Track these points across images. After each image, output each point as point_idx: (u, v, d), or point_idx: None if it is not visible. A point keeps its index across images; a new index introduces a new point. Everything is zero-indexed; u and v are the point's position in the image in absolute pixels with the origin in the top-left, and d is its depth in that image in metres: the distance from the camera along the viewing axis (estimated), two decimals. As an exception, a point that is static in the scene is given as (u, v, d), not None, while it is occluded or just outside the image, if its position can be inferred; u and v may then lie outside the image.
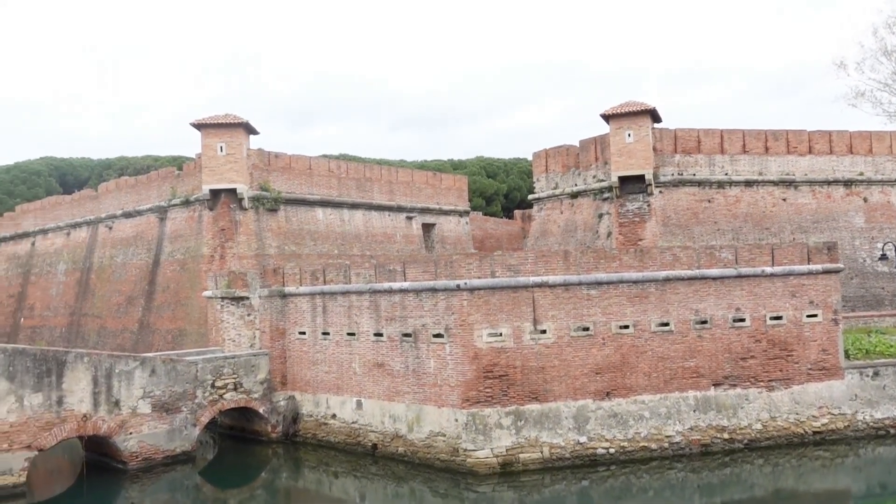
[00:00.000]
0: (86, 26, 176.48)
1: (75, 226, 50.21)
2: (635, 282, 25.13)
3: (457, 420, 24.03)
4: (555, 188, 42.68)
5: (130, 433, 25.65)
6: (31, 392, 23.56)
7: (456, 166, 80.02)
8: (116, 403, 25.42)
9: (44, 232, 53.91)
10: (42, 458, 24.65)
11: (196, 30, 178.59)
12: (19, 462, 23.19)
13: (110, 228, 46.22)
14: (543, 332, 24.35)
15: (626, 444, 24.11)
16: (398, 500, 22.75)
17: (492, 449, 23.45)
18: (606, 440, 24.07)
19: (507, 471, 23.22)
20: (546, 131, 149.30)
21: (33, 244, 55.17)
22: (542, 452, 23.59)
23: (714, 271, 25.79)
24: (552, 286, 24.55)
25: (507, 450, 23.48)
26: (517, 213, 66.89)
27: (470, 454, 23.46)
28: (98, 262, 46.67)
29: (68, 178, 78.97)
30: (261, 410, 29.44)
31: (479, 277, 24.19)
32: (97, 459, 26.54)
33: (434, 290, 24.91)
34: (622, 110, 36.77)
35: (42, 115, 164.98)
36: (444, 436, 24.40)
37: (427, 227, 47.63)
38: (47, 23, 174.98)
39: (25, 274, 54.76)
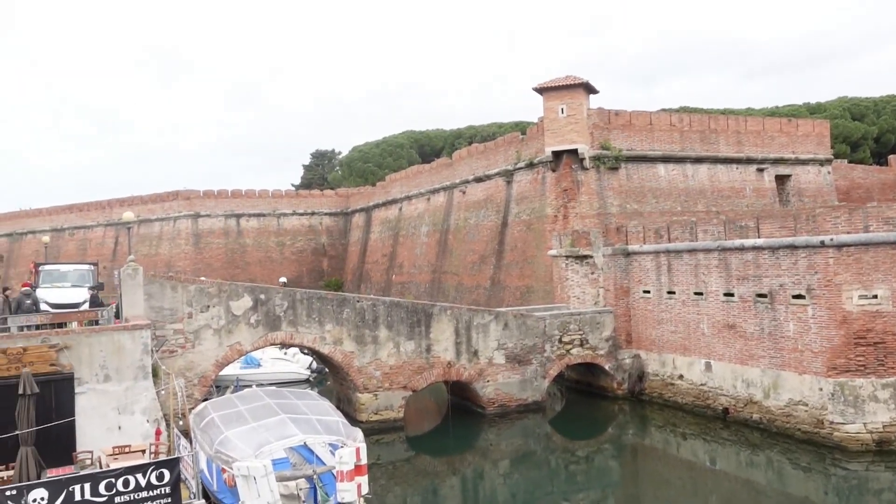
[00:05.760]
0: (444, 15, 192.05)
1: (434, 191, 55.31)
2: None
3: (821, 389, 21.91)
4: (944, 126, 36.19)
5: (487, 381, 27.80)
6: (405, 339, 26.73)
7: (813, 110, 71.96)
8: (475, 353, 27.69)
9: (408, 198, 60.28)
10: (414, 398, 27.84)
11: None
12: (398, 400, 26.57)
13: (464, 193, 50.07)
14: (932, 294, 20.97)
15: None
16: (753, 469, 21.51)
17: (865, 424, 21.00)
18: None
19: (884, 449, 20.66)
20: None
21: (400, 209, 62.03)
22: (930, 433, 20.51)
23: None
24: (944, 241, 20.96)
25: (884, 426, 20.86)
26: (892, 158, 58.16)
27: (837, 427, 21.29)
28: (454, 224, 50.95)
29: (425, 148, 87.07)
30: (606, 367, 29.86)
31: (848, 232, 21.56)
32: (459, 403, 29.27)
33: (793, 246, 22.81)
34: None
35: (405, 95, 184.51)
36: (806, 405, 22.44)
37: (781, 179, 43.61)
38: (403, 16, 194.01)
39: (395, 236, 61.89)
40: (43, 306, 24.71)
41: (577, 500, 20.29)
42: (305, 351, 34.91)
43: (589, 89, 37.60)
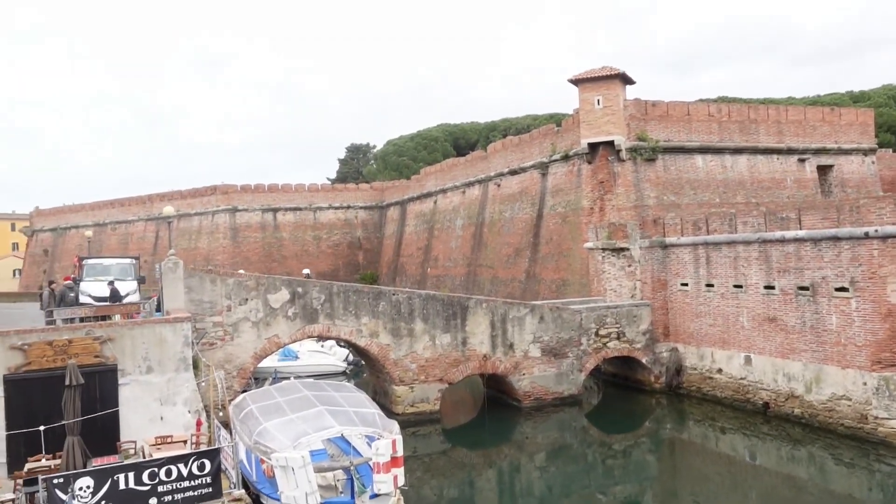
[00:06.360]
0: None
1: (469, 184, 55.26)
2: None
3: (865, 384, 21.47)
4: None
5: (523, 374, 27.75)
6: (441, 332, 26.79)
7: (856, 99, 70.33)
8: (511, 346, 27.65)
9: (443, 191, 60.31)
10: (450, 391, 27.89)
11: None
12: (434, 392, 26.65)
13: (499, 185, 49.94)
14: (982, 287, 20.40)
15: None
16: (794, 465, 21.17)
17: (911, 419, 20.54)
18: None
19: (932, 446, 20.18)
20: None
21: (435, 202, 62.10)
22: (979, 429, 19.98)
23: None
24: None
25: (931, 422, 20.36)
26: (939, 147, 56.63)
27: (882, 423, 20.85)
28: (489, 217, 50.86)
29: (460, 141, 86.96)
30: (643, 360, 29.61)
31: (893, 224, 21.06)
32: (495, 396, 29.27)
33: (836, 238, 22.36)
34: None
35: (439, 88, 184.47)
36: (849, 400, 22.02)
37: (823, 170, 42.70)
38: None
39: (430, 229, 61.99)
40: (86, 299, 25.28)
41: (613, 494, 20.16)
42: (342, 343, 35.19)
43: (625, 80, 37.19)
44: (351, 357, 38.80)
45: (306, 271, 58.64)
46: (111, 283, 26.19)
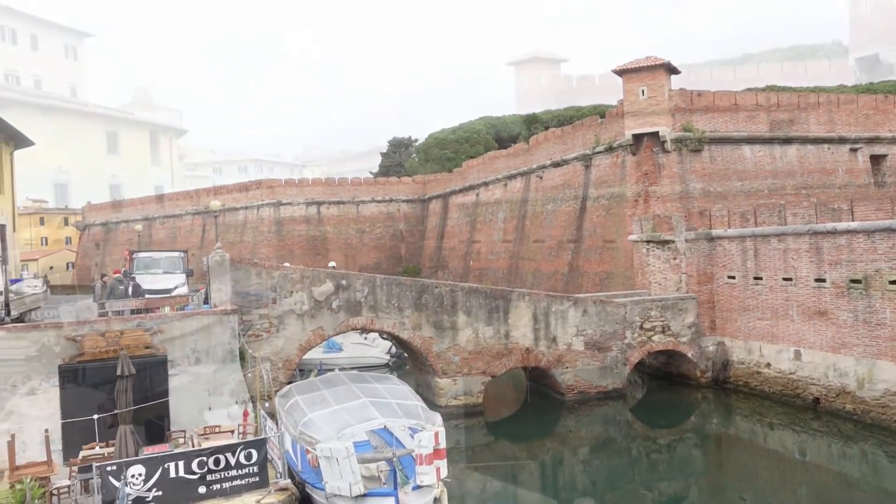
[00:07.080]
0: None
1: (511, 177, 55.00)
2: None
3: (921, 379, 20.88)
4: None
5: (566, 367, 27.61)
6: (483, 325, 26.80)
7: (912, 86, 68.04)
8: (553, 339, 27.52)
9: (485, 184, 60.14)
10: (493, 384, 27.87)
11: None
12: (477, 385, 26.70)
13: (541, 178, 49.63)
14: None
15: None
16: (845, 462, 20.71)
17: (969, 416, 19.91)
18: None
19: None
20: None
21: (478, 195, 61.99)
22: None
23: None
24: None
25: None
26: None
27: (939, 420, 20.26)
28: (531, 210, 50.60)
29: (502, 133, 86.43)
30: (689, 354, 29.21)
31: (951, 214, 20.41)
32: (538, 389, 29.19)
33: (890, 230, 21.74)
34: None
35: (479, 82, 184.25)
36: (904, 396, 21.43)
37: (876, 160, 41.45)
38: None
39: (472, 222, 61.93)
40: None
41: (658, 489, 19.98)
42: (385, 336, 35.40)
43: (670, 70, 36.58)
44: (394, 349, 39.00)
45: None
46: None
